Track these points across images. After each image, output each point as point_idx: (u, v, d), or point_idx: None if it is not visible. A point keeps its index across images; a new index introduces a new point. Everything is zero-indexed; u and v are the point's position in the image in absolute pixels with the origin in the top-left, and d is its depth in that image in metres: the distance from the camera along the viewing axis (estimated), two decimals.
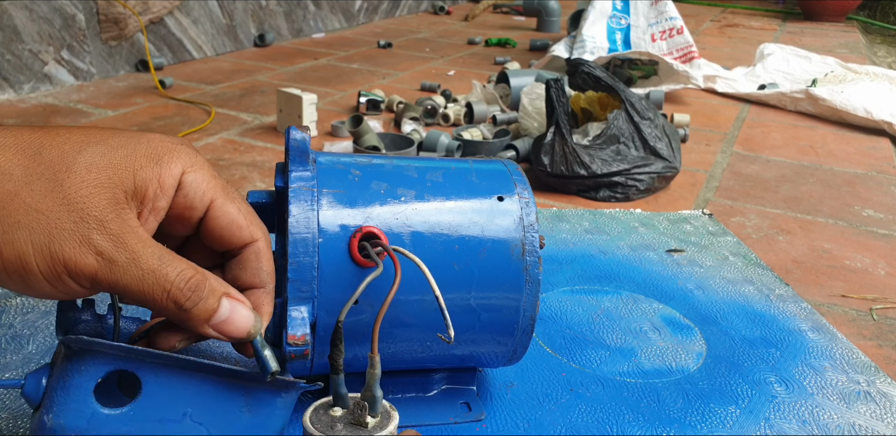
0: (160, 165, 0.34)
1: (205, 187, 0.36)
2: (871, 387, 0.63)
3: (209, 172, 0.36)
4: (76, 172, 0.32)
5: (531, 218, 0.48)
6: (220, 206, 0.36)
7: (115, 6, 1.65)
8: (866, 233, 1.01)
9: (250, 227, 0.38)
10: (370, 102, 1.49)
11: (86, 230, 0.31)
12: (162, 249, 0.33)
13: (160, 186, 0.34)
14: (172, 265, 0.33)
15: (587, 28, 1.80)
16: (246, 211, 0.38)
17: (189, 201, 0.36)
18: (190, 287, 0.33)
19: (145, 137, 0.35)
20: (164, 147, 0.35)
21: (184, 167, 0.35)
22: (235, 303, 0.35)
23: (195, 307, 0.33)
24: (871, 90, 1.62)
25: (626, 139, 1.11)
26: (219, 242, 0.38)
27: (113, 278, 0.32)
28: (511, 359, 0.52)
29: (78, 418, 0.34)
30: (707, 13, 3.43)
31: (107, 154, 0.33)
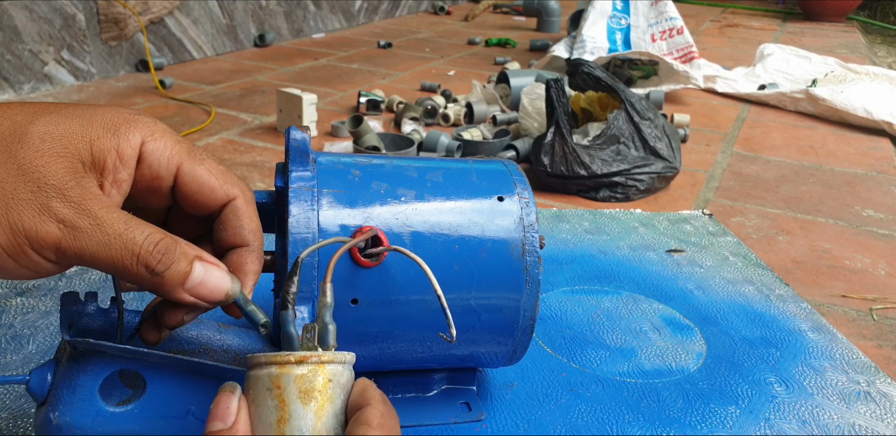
0: (117, 136, 0.33)
1: (168, 154, 0.34)
2: (871, 387, 0.63)
3: (171, 137, 0.35)
4: (29, 142, 0.30)
5: (531, 218, 0.48)
6: (188, 171, 0.35)
7: (115, 6, 1.65)
8: (866, 233, 1.01)
9: (224, 186, 0.36)
10: (370, 103, 1.49)
11: (44, 199, 0.30)
12: (127, 215, 0.32)
13: (119, 157, 0.33)
14: (139, 229, 0.31)
15: (587, 28, 1.80)
16: (217, 171, 0.36)
17: (154, 171, 0.34)
18: (159, 250, 0.31)
19: (101, 108, 0.34)
20: (120, 117, 0.33)
21: (143, 137, 0.34)
22: (209, 266, 0.34)
23: (167, 271, 0.32)
24: (871, 90, 1.62)
25: (627, 139, 1.11)
26: (196, 207, 0.36)
27: (78, 246, 0.30)
28: (511, 359, 0.52)
29: (84, 416, 0.34)
30: (707, 13, 3.43)
31: (61, 123, 0.31)
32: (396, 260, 0.44)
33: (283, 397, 0.31)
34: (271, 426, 0.30)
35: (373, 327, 0.46)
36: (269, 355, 0.32)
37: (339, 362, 0.32)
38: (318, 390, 0.31)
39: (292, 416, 0.30)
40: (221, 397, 0.31)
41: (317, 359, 0.32)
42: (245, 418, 0.31)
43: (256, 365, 0.32)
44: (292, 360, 0.31)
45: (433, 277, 0.40)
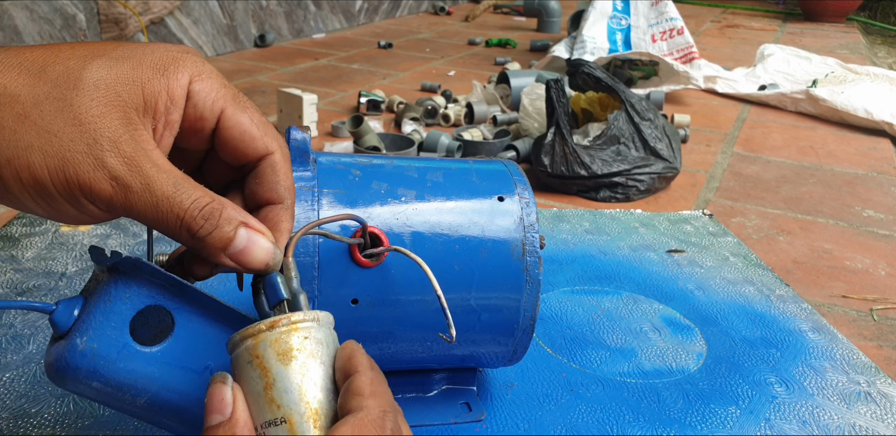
0: (167, 76, 0.32)
1: (214, 96, 0.34)
2: (872, 388, 0.63)
3: (218, 80, 0.35)
4: (84, 90, 0.30)
5: (531, 218, 0.48)
6: (230, 115, 0.35)
7: (115, 6, 1.65)
8: (867, 233, 1.01)
9: (264, 138, 0.36)
10: (371, 103, 1.49)
11: (99, 153, 0.30)
12: (177, 175, 0.32)
13: (170, 99, 0.33)
14: (187, 192, 0.31)
15: (587, 29, 1.81)
16: (259, 121, 0.36)
17: (199, 111, 0.34)
18: (203, 215, 0.32)
19: (150, 47, 0.33)
20: (169, 56, 0.33)
21: (191, 76, 0.33)
22: (254, 233, 0.33)
23: (209, 235, 0.32)
24: (871, 91, 1.62)
25: (627, 140, 1.11)
26: (232, 154, 0.36)
27: (128, 204, 0.31)
28: (511, 359, 0.52)
29: (111, 346, 0.33)
30: (707, 14, 3.43)
31: (113, 67, 0.31)
32: (396, 260, 0.44)
33: (264, 364, 0.30)
34: (260, 396, 0.30)
35: (373, 327, 0.46)
36: (241, 331, 0.32)
37: (311, 320, 0.32)
38: (297, 349, 0.31)
39: (276, 379, 0.30)
40: (214, 389, 0.31)
41: (287, 320, 0.31)
42: (242, 405, 0.31)
43: (234, 345, 0.32)
44: (263, 327, 0.31)
45: (433, 278, 0.39)
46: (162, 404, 0.35)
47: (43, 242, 0.80)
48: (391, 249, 0.42)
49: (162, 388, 0.34)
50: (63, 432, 0.51)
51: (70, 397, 0.55)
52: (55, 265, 0.75)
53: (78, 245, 0.80)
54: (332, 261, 0.43)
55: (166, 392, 0.34)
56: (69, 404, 0.54)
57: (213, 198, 0.32)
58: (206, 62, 0.35)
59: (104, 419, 0.53)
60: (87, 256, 0.77)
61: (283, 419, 0.30)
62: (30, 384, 0.56)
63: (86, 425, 0.52)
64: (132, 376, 0.33)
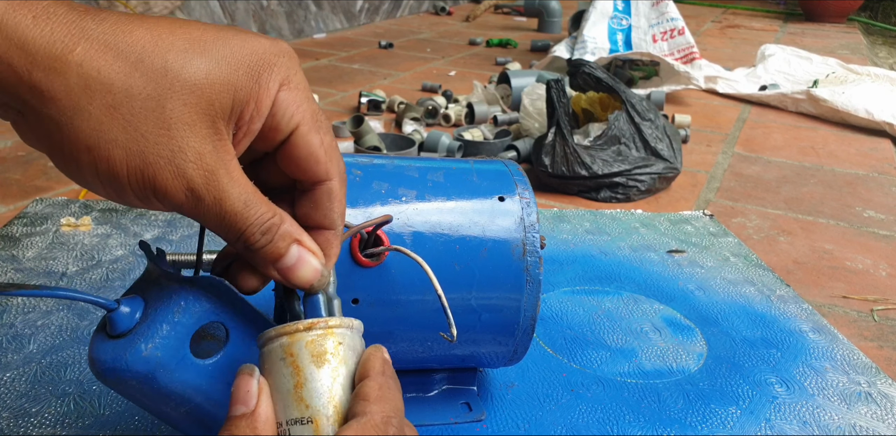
0: (259, 82, 0.32)
1: (294, 110, 0.34)
2: (872, 388, 0.63)
3: (304, 92, 0.34)
4: (179, 93, 0.30)
5: (532, 218, 0.48)
6: (303, 134, 0.34)
7: (116, 6, 1.65)
8: (867, 234, 1.01)
9: (328, 163, 0.35)
10: (371, 103, 1.49)
11: (182, 163, 0.30)
12: (249, 191, 0.32)
13: (257, 108, 0.33)
14: (255, 209, 0.32)
15: (588, 29, 1.80)
16: (329, 145, 0.35)
17: (276, 122, 0.34)
18: (262, 230, 0.33)
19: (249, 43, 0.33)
20: (263, 58, 0.33)
21: (281, 83, 0.33)
22: (305, 252, 0.34)
23: (263, 249, 0.33)
24: (872, 91, 1.62)
25: (627, 140, 1.11)
26: (293, 170, 0.36)
27: (196, 212, 0.32)
28: (512, 359, 0.52)
29: (172, 356, 0.34)
30: (708, 14, 3.43)
31: (212, 71, 0.31)
32: (397, 260, 0.44)
33: (297, 363, 0.31)
34: (289, 393, 0.30)
35: (373, 327, 0.46)
36: (278, 327, 0.32)
37: (346, 327, 0.33)
38: (331, 353, 0.31)
39: (308, 379, 0.31)
40: (240, 381, 0.31)
41: (324, 324, 0.32)
42: (266, 400, 0.31)
43: (268, 340, 0.32)
44: (301, 327, 0.32)
45: (434, 278, 0.40)
46: (201, 414, 0.36)
47: (43, 242, 0.80)
48: (392, 248, 0.42)
49: (206, 399, 0.35)
50: (63, 432, 0.51)
51: (70, 396, 0.55)
52: (56, 265, 0.75)
53: (78, 245, 0.80)
54: None
55: (208, 404, 0.35)
56: (69, 404, 0.54)
57: (275, 213, 0.33)
58: (298, 66, 0.35)
59: (105, 419, 0.53)
60: (87, 256, 0.77)
61: (309, 419, 0.30)
62: (30, 384, 0.56)
63: (86, 425, 0.52)
64: (183, 386, 0.34)
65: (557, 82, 1.09)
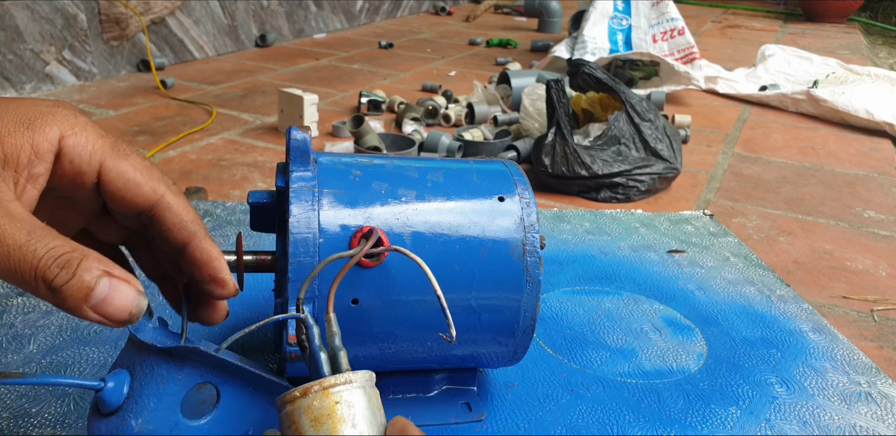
0: (32, 130, 0.32)
1: (90, 149, 0.33)
2: (872, 388, 0.62)
3: (93, 132, 0.34)
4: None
5: (532, 218, 0.48)
6: (111, 167, 0.34)
7: (116, 6, 1.65)
8: (867, 234, 1.01)
9: (150, 182, 0.35)
10: (371, 103, 1.49)
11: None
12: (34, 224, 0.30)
13: (34, 152, 0.32)
14: (43, 241, 0.29)
15: (588, 29, 1.80)
16: (142, 166, 0.35)
17: (76, 166, 0.33)
18: (59, 263, 0.29)
19: (16, 102, 0.33)
20: (36, 111, 0.33)
21: (61, 131, 0.33)
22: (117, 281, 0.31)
23: (65, 285, 0.29)
24: (872, 91, 1.62)
25: (627, 140, 1.11)
26: (123, 204, 0.35)
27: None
28: (512, 359, 0.52)
29: (164, 425, 0.35)
30: (708, 14, 3.43)
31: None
32: (397, 260, 0.44)
33: (300, 430, 0.32)
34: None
35: (373, 328, 0.46)
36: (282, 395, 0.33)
37: (342, 383, 0.33)
38: (327, 415, 0.32)
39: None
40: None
41: (318, 387, 0.32)
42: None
43: (278, 408, 0.33)
44: (297, 394, 0.32)
45: (433, 278, 0.39)
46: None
47: None
48: (391, 249, 0.42)
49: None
50: (63, 432, 0.51)
51: (71, 397, 0.55)
52: None
53: None
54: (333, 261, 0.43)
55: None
56: (69, 404, 0.54)
57: (74, 248, 0.30)
58: (80, 114, 0.34)
59: None
60: None
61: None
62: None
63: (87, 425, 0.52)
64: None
65: (557, 82, 1.09)
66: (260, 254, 0.45)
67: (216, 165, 1.16)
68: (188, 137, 1.29)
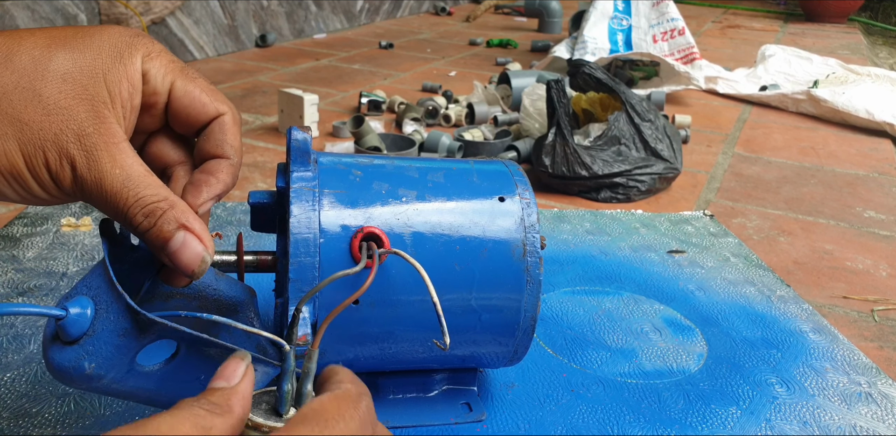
0: (123, 63, 0.35)
1: (164, 71, 0.36)
2: (873, 388, 0.63)
3: (167, 57, 0.37)
4: (52, 82, 0.32)
5: (532, 219, 0.48)
6: (181, 87, 0.37)
7: (116, 6, 1.65)
8: (868, 234, 1.01)
9: (214, 102, 0.38)
10: (371, 103, 1.49)
11: (65, 142, 0.32)
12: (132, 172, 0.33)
13: (130, 84, 0.35)
14: (134, 190, 0.33)
15: (588, 29, 1.80)
16: (208, 88, 0.38)
17: (151, 87, 0.36)
18: (144, 212, 0.33)
19: (105, 32, 0.35)
20: (122, 42, 0.35)
21: (143, 56, 0.36)
22: (190, 236, 0.34)
23: (148, 232, 0.34)
24: (872, 91, 1.62)
25: (627, 140, 1.11)
26: (186, 121, 0.38)
27: (83, 194, 0.33)
28: (512, 359, 0.52)
29: (118, 371, 0.35)
30: (708, 14, 3.43)
31: (77, 59, 0.33)
32: (397, 261, 0.44)
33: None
34: None
35: (373, 328, 0.46)
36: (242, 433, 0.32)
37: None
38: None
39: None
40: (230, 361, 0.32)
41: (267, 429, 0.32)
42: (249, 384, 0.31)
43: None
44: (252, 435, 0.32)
45: (430, 284, 0.39)
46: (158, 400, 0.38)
47: (44, 242, 0.80)
48: (391, 251, 0.42)
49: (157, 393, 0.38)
50: (64, 432, 0.51)
51: (71, 397, 0.55)
52: (56, 265, 0.75)
53: (79, 245, 0.80)
54: (333, 261, 0.43)
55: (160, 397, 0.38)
56: (70, 404, 0.54)
57: (163, 197, 0.34)
58: (156, 42, 0.37)
59: (105, 419, 0.53)
60: (87, 256, 0.77)
61: None
62: (31, 384, 0.56)
63: (87, 425, 0.52)
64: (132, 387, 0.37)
65: (558, 83, 1.09)
66: (260, 254, 0.45)
67: None
68: None
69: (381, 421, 0.53)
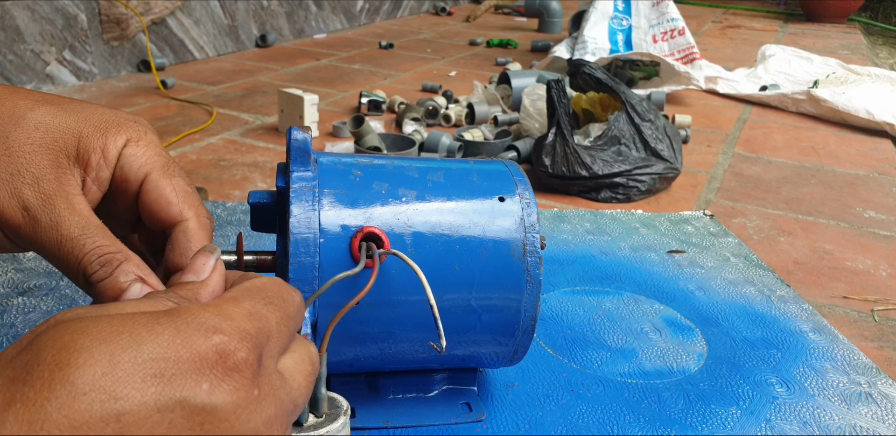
0: (106, 136, 0.34)
1: (143, 161, 0.35)
2: (873, 388, 0.62)
3: (154, 148, 0.36)
4: (23, 128, 0.32)
5: (532, 219, 0.48)
6: (153, 180, 0.35)
7: (116, 6, 1.65)
8: (868, 234, 1.01)
9: (181, 204, 0.36)
10: (371, 103, 1.49)
11: (19, 184, 0.31)
12: (90, 222, 0.32)
13: (104, 156, 0.34)
14: (93, 238, 0.32)
15: (589, 29, 1.81)
16: (181, 189, 0.36)
17: (124, 173, 0.35)
18: (101, 261, 0.32)
19: (101, 108, 0.35)
20: (115, 120, 0.35)
21: (128, 139, 0.35)
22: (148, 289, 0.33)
23: (101, 282, 0.32)
24: (872, 91, 1.62)
25: (628, 140, 1.11)
26: (150, 219, 0.36)
27: (34, 237, 0.32)
28: (512, 359, 0.52)
29: None
30: (709, 14, 3.43)
31: (58, 115, 0.33)
32: (397, 261, 0.44)
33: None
34: None
35: (373, 328, 0.46)
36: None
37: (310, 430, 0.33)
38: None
39: None
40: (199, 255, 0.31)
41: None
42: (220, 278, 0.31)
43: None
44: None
45: (427, 287, 0.39)
46: None
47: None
48: (390, 252, 0.42)
49: None
50: None
51: None
52: None
53: None
54: (333, 261, 0.43)
55: None
56: None
57: (119, 249, 0.33)
58: (151, 132, 0.36)
59: None
60: None
61: None
62: None
63: None
64: None
65: (558, 83, 1.09)
66: (260, 254, 0.45)
67: (216, 166, 1.16)
68: (188, 138, 1.29)
69: (381, 421, 0.53)
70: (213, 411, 0.23)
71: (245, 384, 0.24)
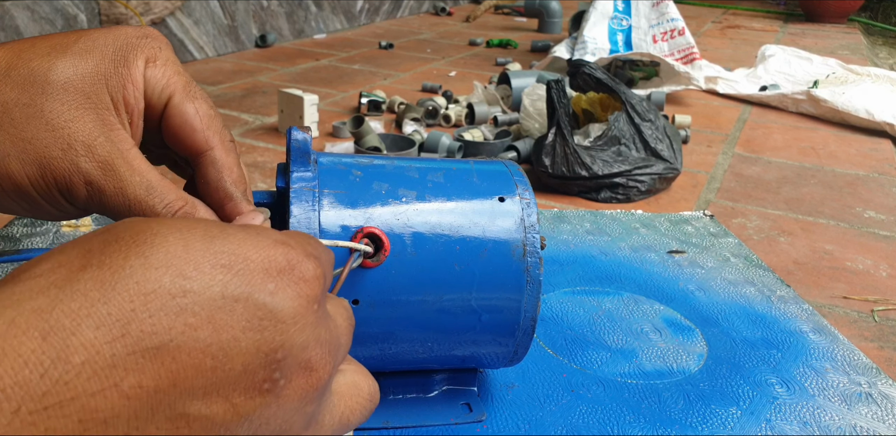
0: (127, 66, 0.33)
1: (164, 83, 0.34)
2: (873, 388, 0.62)
3: (173, 66, 0.35)
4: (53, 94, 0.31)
5: (532, 219, 0.48)
6: (176, 104, 0.34)
7: (116, 7, 1.65)
8: (868, 234, 1.01)
9: (206, 131, 0.35)
10: (371, 103, 1.49)
11: (74, 157, 0.30)
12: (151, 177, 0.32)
13: (135, 87, 0.33)
14: (160, 197, 0.32)
15: (588, 29, 1.81)
16: (204, 113, 0.35)
17: (148, 98, 0.34)
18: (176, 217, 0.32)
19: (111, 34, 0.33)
20: (127, 44, 0.33)
21: (146, 61, 0.34)
22: None
23: None
24: (872, 92, 1.62)
25: (627, 141, 1.11)
26: (175, 145, 0.35)
27: (103, 205, 0.32)
28: (512, 360, 0.52)
29: None
30: (708, 14, 3.43)
31: (78, 65, 0.32)
32: (398, 261, 0.44)
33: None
34: None
35: (374, 328, 0.46)
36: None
37: None
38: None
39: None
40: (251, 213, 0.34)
41: None
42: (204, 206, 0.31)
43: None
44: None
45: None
46: None
47: (44, 242, 0.80)
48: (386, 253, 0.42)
49: None
50: None
51: None
52: None
53: None
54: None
55: None
56: None
57: (186, 201, 0.33)
58: (165, 46, 0.35)
59: None
60: None
61: None
62: None
63: None
64: None
65: (558, 83, 1.09)
66: None
67: None
68: None
69: (381, 421, 0.53)
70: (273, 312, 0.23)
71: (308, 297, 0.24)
